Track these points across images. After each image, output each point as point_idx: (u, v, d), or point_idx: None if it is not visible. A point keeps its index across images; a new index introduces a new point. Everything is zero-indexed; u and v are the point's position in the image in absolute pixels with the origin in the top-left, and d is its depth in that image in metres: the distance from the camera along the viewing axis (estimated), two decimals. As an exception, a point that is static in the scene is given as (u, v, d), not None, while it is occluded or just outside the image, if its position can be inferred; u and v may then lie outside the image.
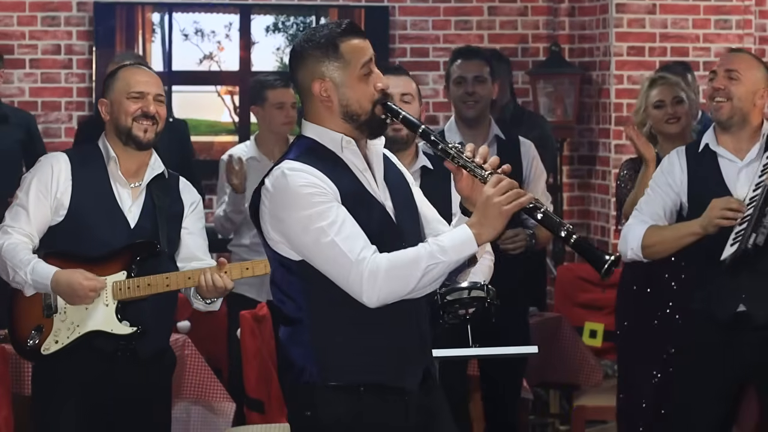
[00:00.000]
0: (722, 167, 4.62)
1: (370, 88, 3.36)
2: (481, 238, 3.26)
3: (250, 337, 5.34)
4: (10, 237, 4.27)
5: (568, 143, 7.96)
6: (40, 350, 4.28)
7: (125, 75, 4.38)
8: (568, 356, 6.29)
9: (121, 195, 4.34)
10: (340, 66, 3.34)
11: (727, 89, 4.57)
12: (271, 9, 7.93)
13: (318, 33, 3.37)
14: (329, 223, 3.26)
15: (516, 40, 8.08)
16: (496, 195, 3.24)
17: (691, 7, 7.68)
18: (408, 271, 3.25)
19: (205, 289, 4.24)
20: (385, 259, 3.25)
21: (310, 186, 3.29)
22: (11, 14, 7.63)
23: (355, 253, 3.25)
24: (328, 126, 3.38)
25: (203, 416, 5.50)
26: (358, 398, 3.35)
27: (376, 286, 3.24)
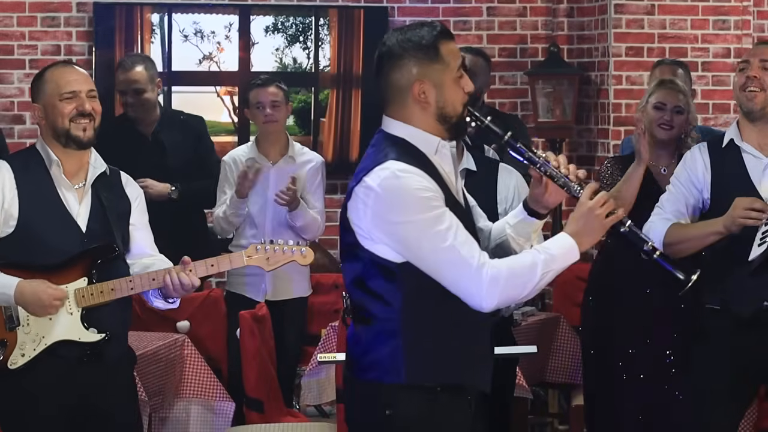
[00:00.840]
0: (747, 163, 4.58)
1: (461, 91, 3.40)
2: (583, 246, 3.40)
3: (249, 337, 5.35)
4: None
5: (566, 143, 7.97)
6: (6, 365, 4.14)
7: (53, 77, 4.25)
8: (566, 356, 6.30)
9: (68, 199, 4.22)
10: (440, 68, 3.37)
11: (762, 79, 4.54)
12: (270, 9, 7.93)
13: (416, 34, 3.39)
14: (446, 228, 3.28)
15: (515, 41, 8.09)
16: (596, 207, 3.38)
17: (689, 7, 7.69)
18: (526, 277, 3.33)
19: (171, 289, 4.15)
20: (504, 266, 3.32)
21: (425, 190, 3.30)
22: (11, 14, 7.64)
23: (475, 259, 3.29)
24: (419, 126, 3.39)
25: (203, 416, 5.50)
26: (435, 398, 3.39)
27: (497, 291, 3.29)
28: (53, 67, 4.34)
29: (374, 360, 3.41)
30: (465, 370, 3.43)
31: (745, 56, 4.65)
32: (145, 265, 4.27)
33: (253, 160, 6.18)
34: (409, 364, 3.37)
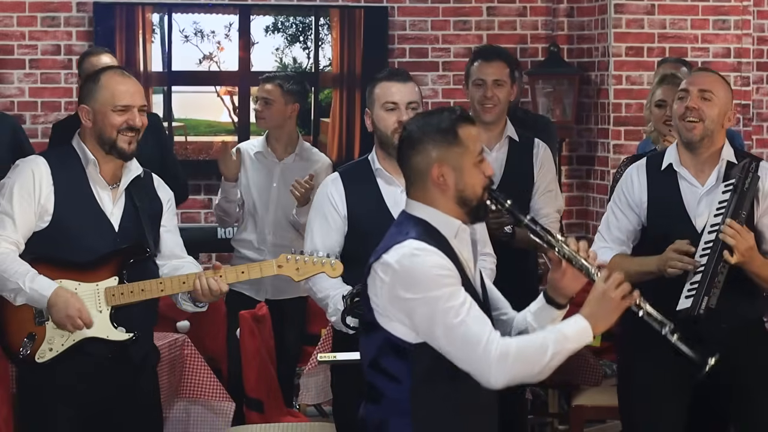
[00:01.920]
0: (683, 191, 4.59)
1: (481, 175, 3.42)
2: (597, 329, 3.42)
3: (249, 337, 5.35)
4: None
5: (566, 143, 7.97)
6: (34, 358, 4.21)
7: (110, 84, 4.26)
8: (566, 356, 6.29)
9: (102, 198, 4.28)
10: (459, 151, 3.40)
11: (701, 110, 4.51)
12: (270, 9, 7.94)
13: (436, 118, 3.43)
14: (460, 303, 3.31)
15: (515, 41, 8.09)
16: (611, 290, 3.38)
17: (689, 7, 7.69)
18: (537, 356, 3.34)
19: (200, 293, 4.21)
20: (515, 343, 3.33)
21: (441, 267, 3.33)
22: (11, 14, 7.64)
23: (485, 335, 3.31)
24: (440, 209, 3.42)
25: (203, 416, 5.50)
26: None
27: (506, 368, 3.31)
28: (110, 72, 4.34)
29: None
30: None
31: (684, 84, 4.62)
32: (175, 266, 4.33)
33: (261, 155, 6.21)
34: None
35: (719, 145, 4.58)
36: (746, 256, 4.38)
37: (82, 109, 4.29)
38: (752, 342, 4.61)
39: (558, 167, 7.91)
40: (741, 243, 4.36)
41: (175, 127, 7.80)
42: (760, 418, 4.61)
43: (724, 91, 4.58)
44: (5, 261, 4.16)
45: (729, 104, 4.58)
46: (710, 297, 4.37)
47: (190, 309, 4.35)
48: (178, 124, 7.86)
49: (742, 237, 4.37)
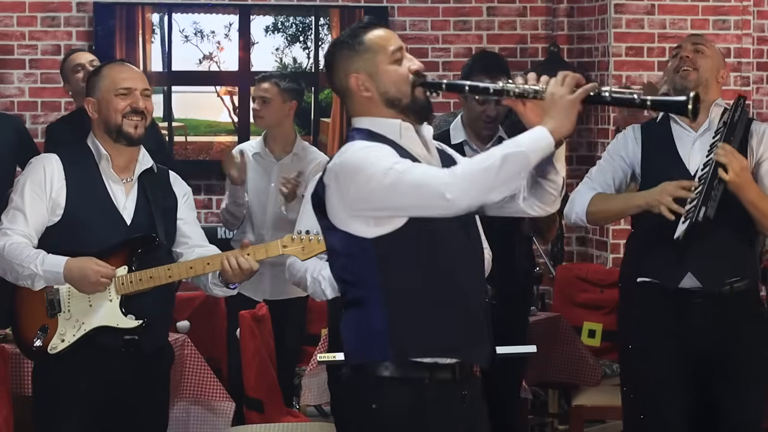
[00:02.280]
0: (675, 136, 4.69)
1: (404, 71, 3.40)
2: (556, 131, 3.30)
3: (249, 337, 5.35)
4: (10, 238, 4.28)
5: (566, 143, 7.93)
6: (47, 350, 4.29)
7: (111, 73, 4.38)
8: (566, 356, 6.30)
9: (115, 192, 4.35)
10: (369, 57, 3.40)
11: (694, 59, 4.68)
12: (270, 9, 7.94)
13: (342, 35, 3.46)
14: (398, 161, 3.27)
15: (515, 41, 8.09)
16: (556, 88, 3.26)
17: (689, 7, 7.69)
18: (486, 162, 3.21)
19: (231, 273, 4.25)
20: (460, 167, 3.26)
21: (371, 147, 3.31)
22: (11, 14, 7.65)
23: (431, 171, 3.26)
24: (379, 114, 3.42)
25: (203, 416, 5.50)
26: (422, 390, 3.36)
27: (458, 183, 3.20)
28: (110, 63, 4.49)
29: (362, 341, 3.40)
30: (455, 343, 3.38)
31: (680, 42, 4.82)
32: (199, 254, 4.39)
33: (259, 155, 6.21)
34: (396, 341, 3.35)
35: (713, 97, 4.71)
36: (741, 177, 4.45)
37: (88, 101, 4.39)
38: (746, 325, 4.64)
39: (558, 167, 7.92)
40: (734, 162, 4.44)
41: (175, 127, 7.80)
42: (744, 405, 4.64)
43: (716, 50, 4.79)
44: (16, 250, 4.25)
45: (721, 63, 4.78)
46: (707, 207, 4.41)
47: (220, 293, 4.41)
48: (178, 124, 7.86)
49: (735, 157, 4.45)
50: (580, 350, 6.29)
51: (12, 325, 4.48)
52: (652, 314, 4.67)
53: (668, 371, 4.64)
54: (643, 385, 4.70)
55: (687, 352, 4.64)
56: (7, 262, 4.26)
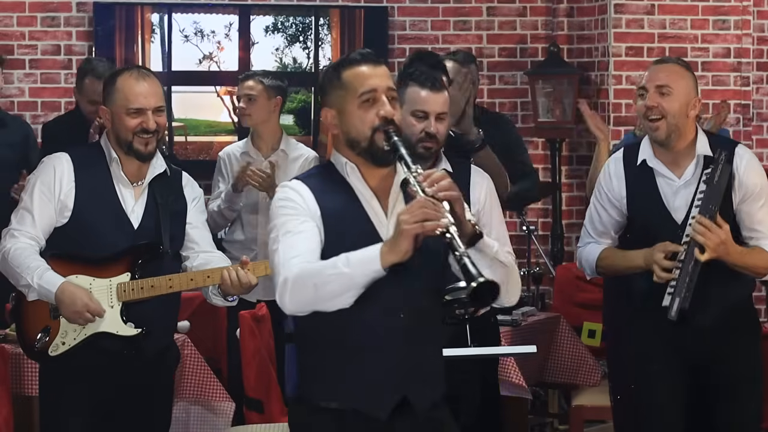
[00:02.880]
0: (660, 185, 4.58)
1: (369, 116, 3.37)
2: (385, 258, 3.19)
3: (249, 337, 5.35)
4: (17, 241, 4.29)
5: (566, 143, 7.97)
6: (47, 351, 4.31)
7: (125, 87, 4.34)
8: (566, 356, 6.30)
9: (124, 195, 4.36)
10: (341, 94, 3.41)
11: (660, 106, 4.49)
12: (270, 9, 7.94)
13: (337, 61, 3.48)
14: (284, 232, 3.34)
15: (515, 41, 8.09)
16: (403, 214, 3.19)
17: (689, 7, 7.69)
18: (309, 280, 3.24)
19: (230, 286, 4.27)
20: (298, 268, 3.26)
21: (284, 200, 3.38)
22: (11, 14, 7.64)
23: (284, 257, 3.30)
24: (340, 151, 3.46)
25: (203, 416, 5.50)
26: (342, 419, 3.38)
27: (286, 293, 3.27)
28: (126, 73, 4.41)
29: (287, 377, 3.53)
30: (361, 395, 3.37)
31: (642, 81, 4.58)
32: (205, 260, 4.42)
33: (247, 155, 6.21)
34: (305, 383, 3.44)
35: (691, 135, 4.57)
36: (719, 252, 4.40)
37: (103, 110, 4.39)
38: (739, 334, 4.64)
39: (558, 167, 7.92)
40: (711, 239, 4.38)
41: (175, 127, 7.80)
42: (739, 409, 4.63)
43: (684, 81, 4.54)
44: (20, 256, 4.26)
45: (691, 93, 4.54)
46: (682, 299, 4.41)
47: (220, 303, 4.43)
48: (178, 124, 7.86)
49: (712, 233, 4.38)
50: (580, 350, 6.29)
51: (16, 323, 4.51)
52: (645, 320, 4.65)
53: (663, 377, 4.63)
54: (639, 391, 4.68)
55: (681, 358, 4.63)
56: (10, 267, 4.28)
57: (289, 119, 8.00)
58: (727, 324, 4.58)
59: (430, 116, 4.29)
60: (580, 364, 6.25)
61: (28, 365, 5.18)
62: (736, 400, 4.61)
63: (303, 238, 3.32)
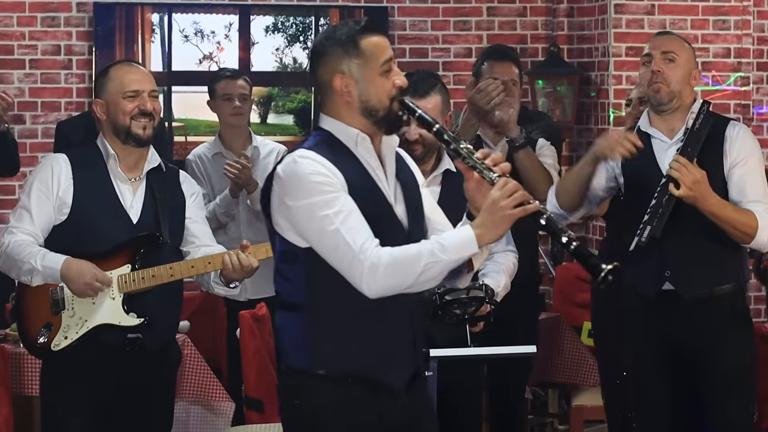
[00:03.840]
0: (654, 147, 4.68)
1: (389, 84, 3.42)
2: (483, 239, 3.29)
3: (249, 337, 5.36)
4: (15, 236, 4.33)
5: (566, 143, 7.96)
6: (50, 347, 4.33)
7: (118, 74, 4.42)
8: (566, 356, 6.31)
9: (122, 191, 4.39)
10: (360, 62, 3.41)
11: (665, 72, 4.65)
12: (270, 9, 7.93)
13: (338, 30, 3.46)
14: (335, 212, 3.32)
15: (515, 41, 8.08)
16: (502, 198, 3.27)
17: (689, 7, 7.68)
18: (408, 267, 3.29)
19: (231, 270, 4.28)
20: (386, 254, 3.30)
21: (318, 174, 3.34)
22: (11, 14, 7.63)
23: (358, 244, 3.30)
24: (345, 121, 3.45)
25: (203, 416, 5.51)
26: (346, 389, 3.41)
27: (377, 278, 3.29)
28: (118, 65, 4.54)
29: (286, 344, 3.50)
30: (376, 363, 3.43)
31: (647, 48, 4.77)
32: (206, 253, 4.42)
33: (220, 156, 6.21)
34: (314, 351, 3.42)
35: (688, 102, 4.70)
36: (694, 191, 4.45)
37: (96, 103, 4.44)
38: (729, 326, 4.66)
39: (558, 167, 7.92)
40: (686, 176, 4.45)
41: (175, 127, 7.80)
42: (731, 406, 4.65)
43: (687, 51, 4.73)
44: (19, 246, 4.30)
45: (693, 64, 4.73)
46: (653, 227, 4.46)
47: (222, 292, 4.44)
48: (178, 124, 7.85)
49: (688, 170, 4.45)
50: (580, 350, 6.30)
51: (17, 322, 4.53)
52: (633, 316, 4.67)
53: (653, 374, 4.64)
54: (631, 387, 4.70)
55: (670, 354, 4.64)
56: (10, 258, 4.31)
57: (289, 119, 8.01)
58: (715, 316, 4.60)
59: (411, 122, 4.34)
60: (580, 364, 6.25)
61: (28, 365, 5.18)
62: (726, 396, 4.62)
63: (358, 216, 3.33)
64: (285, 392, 3.51)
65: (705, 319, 4.61)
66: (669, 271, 4.59)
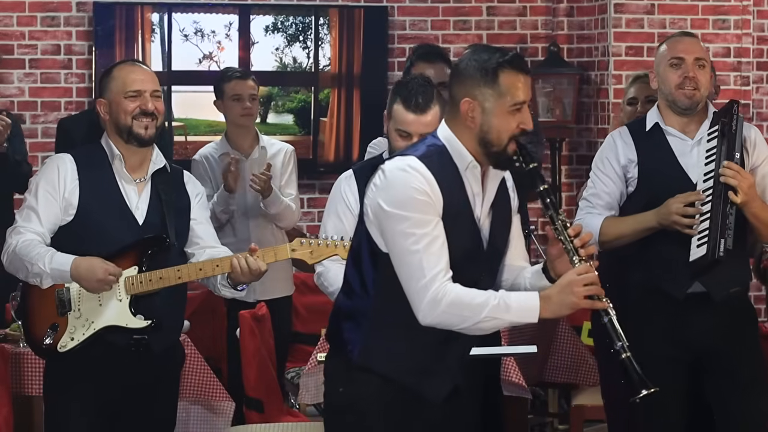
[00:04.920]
0: (673, 145, 4.66)
1: (512, 124, 3.45)
2: (546, 313, 3.38)
3: (249, 337, 5.36)
4: (23, 236, 4.32)
5: (566, 143, 7.97)
6: (56, 348, 4.32)
7: (121, 74, 4.42)
8: (566, 356, 6.30)
9: (128, 192, 4.38)
10: (493, 94, 3.44)
11: (698, 78, 4.62)
12: (270, 9, 7.93)
13: (484, 56, 3.47)
14: (423, 234, 3.37)
15: (515, 40, 8.09)
16: (578, 285, 3.35)
17: (689, 7, 7.69)
18: (468, 312, 3.37)
19: (239, 273, 4.27)
20: (454, 292, 3.37)
21: (422, 193, 3.39)
22: (11, 14, 7.64)
23: (432, 272, 3.36)
24: (462, 141, 3.48)
25: (203, 416, 5.50)
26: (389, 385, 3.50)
27: (435, 311, 3.37)
28: (121, 64, 4.52)
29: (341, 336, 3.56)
30: (409, 371, 3.51)
31: (677, 52, 4.67)
32: (211, 255, 4.42)
33: (226, 155, 6.21)
34: (367, 350, 3.50)
35: (704, 105, 4.70)
36: (749, 195, 4.46)
37: (100, 103, 4.43)
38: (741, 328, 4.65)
39: (558, 167, 7.92)
40: (743, 181, 4.46)
41: (175, 127, 7.80)
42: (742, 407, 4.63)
43: (709, 57, 4.79)
44: (27, 247, 4.29)
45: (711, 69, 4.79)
46: (726, 239, 4.42)
47: (229, 294, 4.43)
48: (178, 124, 7.86)
49: (743, 176, 4.46)
50: (580, 350, 6.29)
51: (23, 322, 4.53)
52: (648, 319, 4.65)
53: (666, 376, 4.63)
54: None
55: (684, 356, 4.63)
56: (18, 259, 4.30)
57: (289, 119, 8.01)
58: (727, 317, 4.60)
59: (413, 137, 4.38)
60: (580, 364, 6.24)
61: (29, 365, 5.18)
62: (741, 397, 4.61)
63: (442, 245, 3.38)
64: (330, 378, 3.60)
65: (721, 319, 4.59)
66: None
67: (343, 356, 3.55)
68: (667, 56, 4.67)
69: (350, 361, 3.52)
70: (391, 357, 3.49)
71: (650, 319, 4.64)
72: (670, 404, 4.62)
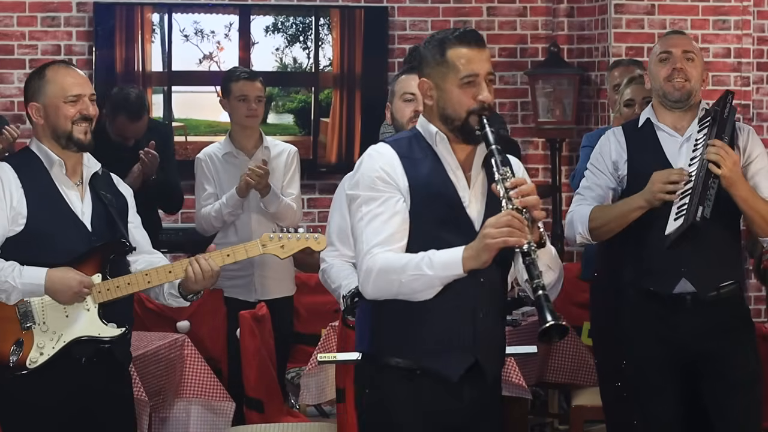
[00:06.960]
0: (662, 142, 4.69)
1: (467, 98, 3.49)
2: (467, 264, 3.39)
3: (249, 337, 5.35)
4: None
5: (566, 143, 7.97)
6: (25, 364, 4.12)
7: (57, 77, 4.25)
8: (566, 356, 6.30)
9: (71, 198, 4.22)
10: (443, 71, 3.50)
11: (686, 70, 4.66)
12: (270, 9, 7.94)
13: (436, 36, 3.56)
14: (367, 211, 3.47)
15: (515, 41, 8.09)
16: (489, 226, 3.36)
17: (689, 7, 7.69)
18: (394, 276, 3.41)
19: (193, 279, 4.16)
20: (382, 260, 3.42)
21: (376, 170, 3.48)
22: (11, 14, 7.65)
23: (369, 245, 3.44)
24: (431, 120, 3.55)
25: (203, 416, 5.50)
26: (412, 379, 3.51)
27: (369, 281, 3.45)
28: (54, 66, 4.32)
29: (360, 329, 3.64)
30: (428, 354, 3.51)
31: (665, 46, 4.73)
32: (150, 261, 4.31)
33: (230, 155, 6.21)
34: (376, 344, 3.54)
35: (696, 101, 4.72)
36: (733, 172, 4.44)
37: (32, 106, 4.26)
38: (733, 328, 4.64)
39: (558, 167, 7.92)
40: (727, 158, 4.44)
41: (175, 127, 7.80)
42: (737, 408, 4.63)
43: (700, 53, 4.79)
44: None
45: (703, 63, 4.78)
46: (705, 207, 4.39)
47: (174, 304, 4.31)
48: (178, 124, 7.86)
49: (727, 152, 4.44)
50: (580, 350, 6.29)
51: None
52: (642, 321, 4.65)
53: (660, 377, 4.63)
54: (636, 390, 4.69)
55: (677, 358, 4.63)
56: None
57: (289, 119, 8.01)
58: (719, 317, 4.59)
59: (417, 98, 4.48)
60: (580, 364, 6.24)
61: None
62: (737, 398, 4.61)
63: (386, 220, 3.45)
64: (358, 380, 3.64)
65: (713, 320, 4.59)
66: (684, 267, 4.58)
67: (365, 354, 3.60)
68: (656, 53, 4.75)
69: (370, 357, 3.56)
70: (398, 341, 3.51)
71: (643, 322, 4.64)
72: (665, 405, 4.62)
